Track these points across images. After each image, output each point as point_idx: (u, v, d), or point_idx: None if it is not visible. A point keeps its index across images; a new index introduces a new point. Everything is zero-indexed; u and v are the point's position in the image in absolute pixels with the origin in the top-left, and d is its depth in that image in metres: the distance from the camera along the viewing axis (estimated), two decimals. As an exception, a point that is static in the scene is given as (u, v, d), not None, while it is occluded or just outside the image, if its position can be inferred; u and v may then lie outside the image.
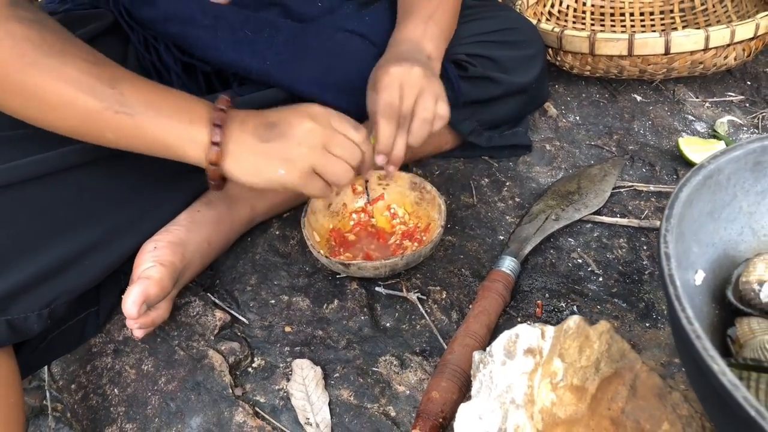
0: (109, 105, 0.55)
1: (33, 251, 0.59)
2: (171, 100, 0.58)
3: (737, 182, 0.50)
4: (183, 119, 0.57)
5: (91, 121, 0.56)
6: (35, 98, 0.55)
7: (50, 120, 0.57)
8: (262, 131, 0.59)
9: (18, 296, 0.58)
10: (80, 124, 0.56)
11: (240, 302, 0.74)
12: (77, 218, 0.62)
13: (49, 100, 0.55)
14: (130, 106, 0.56)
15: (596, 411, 0.43)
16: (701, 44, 0.89)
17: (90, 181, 0.63)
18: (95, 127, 0.56)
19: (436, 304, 0.71)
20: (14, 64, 0.53)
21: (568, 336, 0.45)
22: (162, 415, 0.65)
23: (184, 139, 0.57)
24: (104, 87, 0.55)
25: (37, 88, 0.54)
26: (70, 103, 0.55)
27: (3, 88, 0.55)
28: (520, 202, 0.84)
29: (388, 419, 0.61)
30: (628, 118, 0.98)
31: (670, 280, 0.38)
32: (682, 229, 0.45)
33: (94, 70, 0.56)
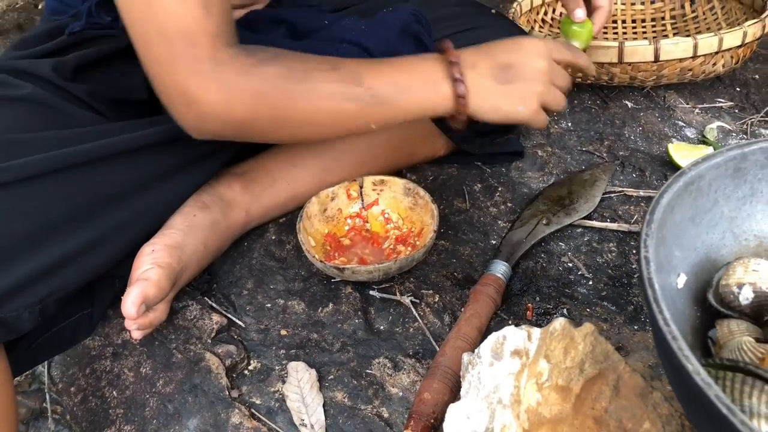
0: (365, 103, 0.63)
1: (28, 250, 0.60)
2: (408, 72, 0.65)
3: (718, 188, 0.52)
4: (426, 86, 0.64)
5: (355, 121, 0.64)
6: (305, 123, 0.63)
7: (321, 133, 0.68)
8: (499, 73, 0.65)
9: (12, 294, 0.58)
10: (347, 126, 0.65)
11: (236, 306, 0.76)
12: (72, 218, 0.63)
13: (317, 119, 0.63)
14: (382, 95, 0.63)
15: (580, 410, 0.44)
16: (690, 52, 0.91)
17: (83, 181, 0.64)
18: (360, 123, 0.64)
19: (429, 308, 0.73)
20: (279, 104, 0.61)
21: (554, 338, 0.47)
22: (160, 417, 0.66)
23: (432, 102, 0.64)
24: (354, 88, 0.62)
25: (305, 113, 0.62)
26: (335, 115, 0.63)
27: (273, 124, 0.63)
28: (512, 207, 0.85)
29: (381, 420, 0.62)
30: (619, 124, 0.99)
31: (649, 284, 0.39)
32: (664, 234, 0.47)
33: (336, 76, 0.62)
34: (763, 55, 1.14)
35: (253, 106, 0.61)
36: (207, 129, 0.63)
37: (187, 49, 0.57)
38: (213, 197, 0.77)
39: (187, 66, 0.58)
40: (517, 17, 1.12)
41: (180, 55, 0.57)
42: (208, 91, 0.58)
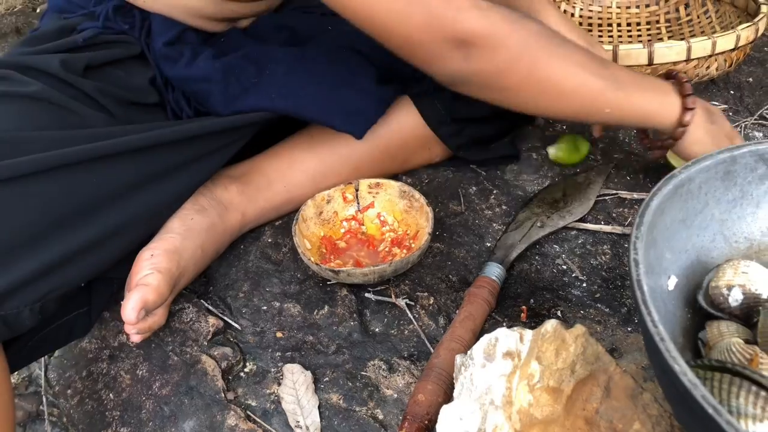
0: (609, 84, 0.65)
1: (30, 247, 0.60)
2: (644, 79, 0.70)
3: (708, 191, 0.52)
4: (658, 92, 0.69)
5: (594, 100, 0.65)
6: (555, 86, 0.64)
7: (559, 106, 0.67)
8: (708, 116, 0.73)
9: (14, 292, 0.59)
10: (585, 105, 0.66)
11: (233, 309, 0.76)
12: (73, 216, 0.63)
13: (564, 86, 0.64)
14: (623, 83, 0.66)
15: (571, 411, 0.44)
16: (683, 55, 0.92)
17: (85, 180, 0.64)
18: (597, 104, 0.66)
19: (424, 310, 0.73)
20: (539, 56, 0.62)
21: (546, 339, 0.47)
22: (156, 419, 0.67)
23: (663, 108, 0.69)
24: (602, 69, 0.65)
25: (556, 76, 0.63)
26: (581, 85, 0.64)
27: (525, 80, 0.63)
28: (506, 209, 0.86)
29: (376, 422, 0.63)
30: (614, 127, 1.00)
31: (638, 285, 0.40)
32: (655, 236, 0.47)
33: (588, 56, 0.65)
34: (757, 58, 1.14)
35: (518, 50, 0.62)
36: (471, 70, 0.63)
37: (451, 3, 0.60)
38: (210, 200, 0.77)
39: (454, 14, 0.60)
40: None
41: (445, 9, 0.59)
42: (481, 26, 0.60)
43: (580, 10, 1.25)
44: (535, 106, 0.68)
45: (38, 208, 0.61)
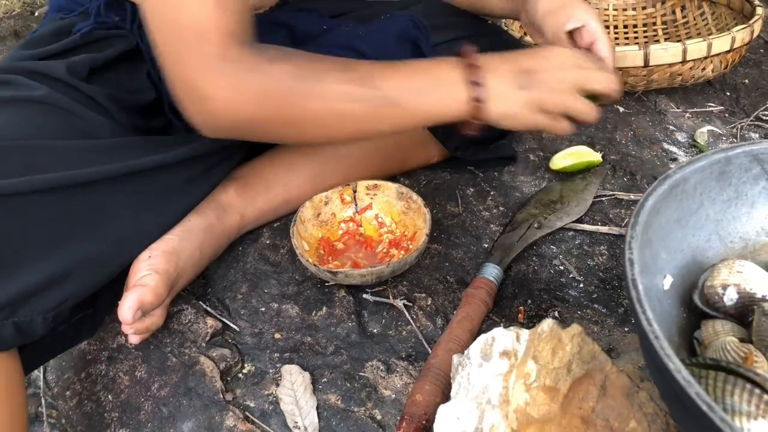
0: (377, 104, 0.61)
1: (40, 258, 0.60)
2: (422, 74, 0.62)
3: (703, 191, 0.53)
4: (441, 89, 0.62)
5: (366, 122, 0.62)
6: (314, 124, 0.61)
7: (329, 135, 0.64)
8: (521, 78, 0.62)
9: (25, 300, 0.59)
10: (357, 128, 0.63)
11: (231, 310, 0.76)
12: (82, 229, 0.64)
13: (324, 120, 0.61)
14: (394, 97, 0.61)
15: (568, 410, 0.45)
16: (679, 57, 0.92)
17: (94, 195, 0.65)
18: (371, 125, 0.62)
19: (422, 311, 0.73)
20: (288, 102, 0.59)
21: (542, 339, 0.47)
22: (155, 420, 0.67)
23: (446, 105, 0.62)
24: (366, 89, 0.60)
25: (312, 113, 0.60)
26: (343, 116, 0.61)
27: (280, 123, 0.61)
28: (504, 210, 0.86)
29: (374, 422, 0.63)
30: (610, 129, 1.00)
31: (633, 285, 0.40)
32: (650, 236, 0.48)
33: (348, 77, 0.61)
34: (753, 59, 1.15)
35: (262, 104, 0.60)
36: (217, 126, 0.62)
37: (198, 47, 0.58)
38: (209, 202, 0.77)
39: (199, 63, 0.58)
40: (510, 24, 1.13)
41: (192, 52, 0.58)
42: (218, 87, 0.58)
43: (576, 13, 1.26)
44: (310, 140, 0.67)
45: (50, 219, 0.61)
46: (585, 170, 0.90)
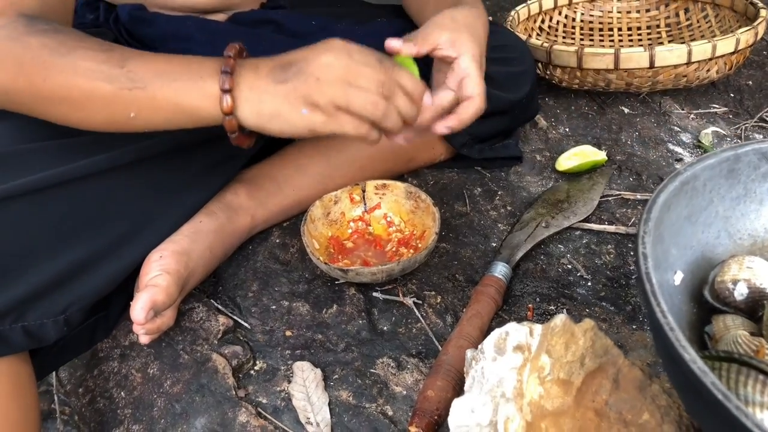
0: (122, 84, 0.55)
1: (45, 259, 0.61)
2: (179, 63, 0.57)
3: (713, 188, 0.53)
4: (193, 77, 0.55)
5: (112, 106, 0.56)
6: (61, 98, 0.57)
7: (80, 117, 0.58)
8: (278, 72, 0.55)
9: (33, 303, 0.60)
10: (104, 113, 0.57)
11: (242, 308, 0.77)
12: (85, 227, 0.65)
13: (73, 97, 0.56)
14: (141, 80, 0.55)
15: (581, 403, 0.45)
16: (684, 58, 0.93)
17: (97, 192, 0.65)
18: (118, 110, 0.56)
19: (431, 308, 0.74)
20: (37, 72, 0.56)
21: (555, 333, 0.48)
22: (168, 417, 0.67)
23: (195, 97, 0.55)
24: (113, 69, 0.55)
25: (60, 88, 0.56)
26: (90, 94, 0.56)
27: (33, 97, 0.57)
28: (511, 210, 0.87)
29: (386, 418, 0.64)
30: (615, 130, 1.01)
31: (647, 278, 0.41)
32: (661, 232, 0.49)
33: (102, 57, 0.56)
34: (756, 61, 1.16)
35: (12, 73, 0.56)
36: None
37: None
38: (219, 203, 0.78)
39: None
40: (514, 25, 1.14)
41: None
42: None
43: (581, 15, 1.27)
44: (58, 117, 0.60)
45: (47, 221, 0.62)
46: (591, 170, 0.91)
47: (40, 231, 0.61)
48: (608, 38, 1.25)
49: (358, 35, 0.84)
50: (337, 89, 0.54)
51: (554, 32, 1.25)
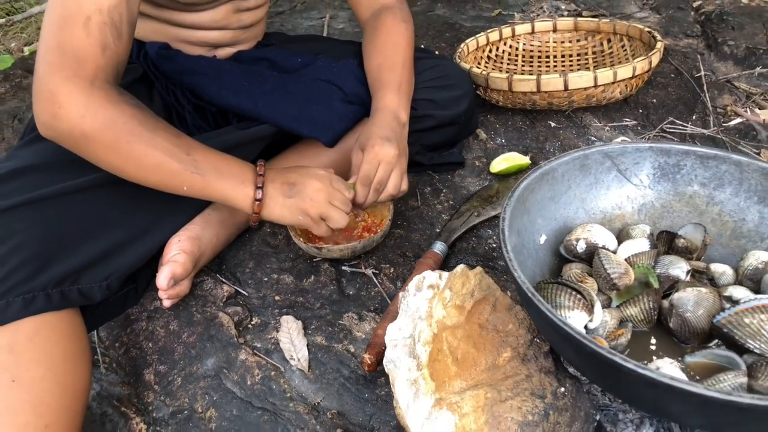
0: (186, 167, 0.78)
1: (94, 238, 0.83)
2: (228, 165, 0.82)
3: (570, 178, 0.77)
4: (236, 180, 0.81)
5: (173, 178, 0.79)
6: (136, 161, 0.77)
7: (144, 176, 0.79)
8: (286, 189, 0.84)
9: (85, 272, 0.82)
10: (165, 180, 0.79)
11: (241, 280, 0.99)
12: (123, 217, 0.87)
13: (145, 162, 0.77)
14: (201, 168, 0.79)
15: (470, 320, 0.68)
16: (591, 82, 1.17)
17: (132, 191, 0.87)
18: (176, 182, 0.79)
19: (386, 277, 0.96)
20: (125, 136, 0.75)
21: (456, 276, 0.71)
22: (185, 359, 0.89)
23: (236, 194, 0.82)
24: (183, 154, 0.78)
25: (138, 153, 0.76)
26: (160, 164, 0.77)
27: (111, 150, 0.76)
28: (453, 204, 1.10)
29: (349, 354, 0.86)
30: (542, 140, 1.25)
31: (502, 234, 0.64)
32: (528, 207, 0.72)
33: (175, 141, 0.78)
34: (663, 83, 1.40)
35: (102, 126, 0.73)
36: (55, 128, 0.74)
37: (74, 65, 0.73)
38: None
39: (68, 76, 0.72)
40: (464, 56, 1.38)
41: (67, 67, 0.72)
42: (73, 99, 0.72)
43: (523, 45, 1.51)
44: (122, 172, 0.79)
45: (97, 210, 0.84)
46: (517, 172, 1.14)
47: (91, 219, 0.84)
48: (545, 64, 1.50)
49: (333, 70, 1.07)
50: (321, 208, 0.85)
51: (500, 60, 1.49)
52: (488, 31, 1.46)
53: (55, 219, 0.80)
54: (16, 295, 0.75)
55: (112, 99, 0.75)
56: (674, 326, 0.66)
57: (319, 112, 1.02)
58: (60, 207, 0.81)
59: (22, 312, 0.75)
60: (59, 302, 0.79)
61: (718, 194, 0.77)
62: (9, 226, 0.78)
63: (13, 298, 0.75)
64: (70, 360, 0.79)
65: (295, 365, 0.85)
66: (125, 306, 0.96)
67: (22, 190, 0.80)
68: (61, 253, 0.80)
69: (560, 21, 1.49)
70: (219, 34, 1.07)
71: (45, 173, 0.83)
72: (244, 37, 1.11)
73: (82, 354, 0.81)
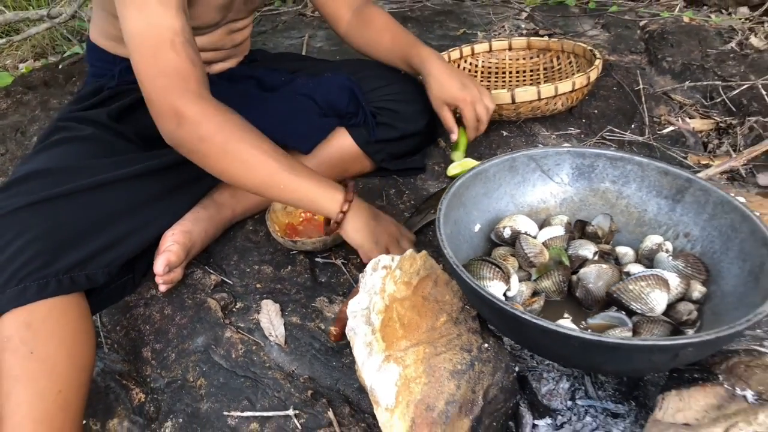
0: (284, 167, 0.90)
1: (100, 231, 0.97)
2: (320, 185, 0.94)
3: (501, 177, 0.92)
4: (328, 189, 0.94)
5: (272, 176, 0.90)
6: (242, 160, 0.89)
7: (247, 175, 0.91)
8: (372, 217, 0.99)
9: (92, 259, 0.95)
10: (265, 178, 0.91)
11: (227, 271, 1.13)
12: (125, 213, 1.00)
13: (250, 162, 0.89)
14: (298, 172, 0.92)
15: (416, 293, 0.82)
16: (535, 96, 1.33)
17: (133, 190, 1.01)
18: (275, 180, 0.90)
19: (354, 266, 1.11)
20: (234, 137, 0.89)
21: (405, 258, 0.86)
22: (178, 338, 1.03)
23: (326, 200, 0.94)
24: (282, 157, 0.91)
25: (244, 153, 0.89)
26: (263, 163, 0.90)
27: (223, 154, 0.89)
28: (414, 203, 1.25)
29: (320, 330, 1.00)
30: (495, 147, 1.40)
31: (438, 222, 0.79)
32: (464, 201, 0.87)
33: (274, 146, 0.92)
34: (605, 95, 1.57)
35: (215, 129, 0.87)
36: (179, 135, 0.90)
37: (181, 83, 0.88)
38: (210, 200, 1.15)
39: (180, 92, 0.87)
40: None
41: (177, 86, 0.87)
42: (191, 109, 0.87)
43: (482, 62, 1.68)
44: (229, 174, 0.91)
45: (101, 207, 0.98)
46: None
47: (98, 215, 0.97)
48: (501, 79, 1.66)
49: (311, 86, 1.23)
50: (390, 244, 1.01)
51: (474, 71, 1.65)
52: (450, 50, 1.62)
53: (66, 215, 0.94)
54: (32, 280, 0.88)
55: (219, 107, 0.89)
56: (580, 295, 0.81)
57: (299, 126, 1.17)
58: (70, 204, 0.95)
59: (37, 295, 0.88)
60: (69, 287, 0.92)
61: (625, 189, 0.93)
62: (26, 221, 0.92)
63: (30, 283, 0.88)
64: (78, 336, 0.92)
65: (273, 341, 1.00)
66: (124, 293, 1.10)
67: (37, 189, 0.94)
68: (71, 244, 0.93)
69: (515, 40, 1.66)
70: (214, 54, 1.22)
71: (57, 176, 0.96)
72: (234, 53, 1.26)
73: (88, 332, 0.95)
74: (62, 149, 1.02)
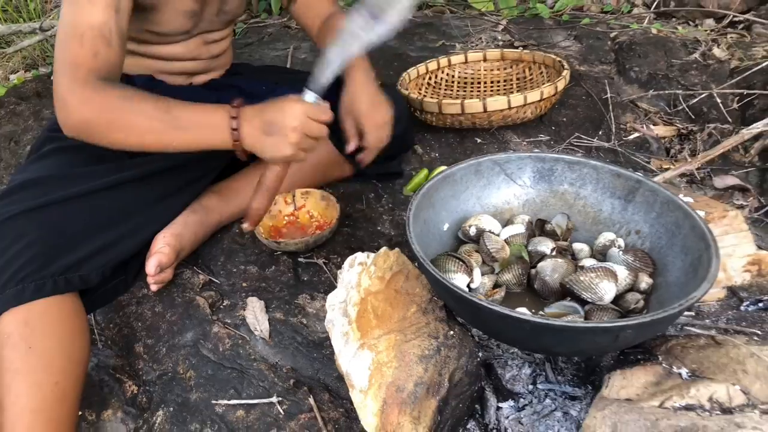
0: (168, 125, 0.95)
1: (93, 235, 1.03)
2: (205, 115, 0.96)
3: (468, 180, 1.00)
4: (213, 124, 0.96)
5: (160, 137, 0.96)
6: (130, 129, 0.95)
7: (140, 142, 0.96)
8: (266, 127, 0.96)
9: (85, 261, 1.02)
10: (154, 141, 0.96)
11: (214, 271, 1.20)
12: (117, 218, 1.07)
13: (137, 128, 0.95)
14: (182, 125, 0.95)
15: (389, 287, 0.90)
16: (506, 105, 1.41)
17: (124, 196, 1.08)
18: (165, 140, 0.96)
19: (335, 265, 1.18)
20: (116, 112, 0.94)
21: (380, 255, 0.93)
22: (169, 334, 1.10)
23: (216, 135, 0.96)
24: (164, 114, 0.95)
25: (130, 122, 0.94)
26: (148, 128, 0.95)
27: (108, 126, 0.95)
28: (392, 207, 1.33)
29: (302, 325, 1.07)
30: (469, 154, 1.48)
31: (408, 219, 0.86)
32: (434, 202, 0.94)
33: (155, 105, 0.95)
34: (573, 104, 1.66)
35: (98, 110, 0.92)
36: (70, 125, 0.95)
37: (72, 73, 0.92)
38: (199, 205, 1.22)
39: (67, 81, 0.92)
40: (406, 83, 1.62)
41: (67, 75, 0.92)
42: (74, 96, 0.92)
43: (458, 73, 1.76)
44: (126, 144, 0.97)
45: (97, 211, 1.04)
46: None
47: (91, 220, 1.04)
48: (477, 89, 1.74)
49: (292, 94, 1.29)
50: (300, 140, 0.97)
51: (438, 86, 1.74)
52: (428, 62, 1.70)
53: (60, 220, 1.00)
54: (29, 282, 0.94)
55: (99, 88, 0.93)
56: (537, 287, 0.89)
57: None
58: (64, 211, 1.01)
59: (34, 295, 0.94)
60: (64, 287, 0.98)
61: (582, 191, 1.01)
62: (22, 227, 0.98)
63: (27, 284, 0.94)
64: (73, 333, 0.98)
65: (258, 335, 1.06)
66: (116, 293, 1.16)
67: (32, 197, 1.00)
68: (66, 248, 1.00)
69: (489, 52, 1.75)
70: (193, 64, 1.29)
71: (50, 184, 1.03)
72: (215, 65, 1.33)
73: (83, 329, 1.01)
74: (54, 158, 1.09)
